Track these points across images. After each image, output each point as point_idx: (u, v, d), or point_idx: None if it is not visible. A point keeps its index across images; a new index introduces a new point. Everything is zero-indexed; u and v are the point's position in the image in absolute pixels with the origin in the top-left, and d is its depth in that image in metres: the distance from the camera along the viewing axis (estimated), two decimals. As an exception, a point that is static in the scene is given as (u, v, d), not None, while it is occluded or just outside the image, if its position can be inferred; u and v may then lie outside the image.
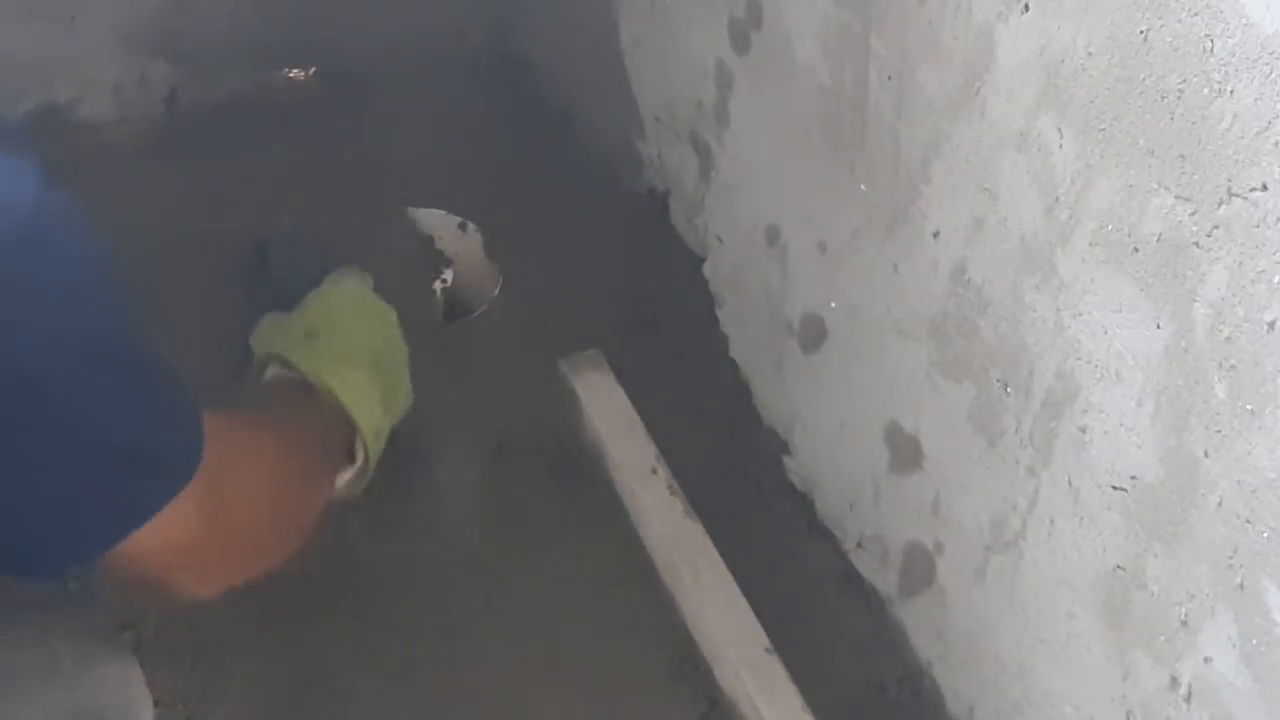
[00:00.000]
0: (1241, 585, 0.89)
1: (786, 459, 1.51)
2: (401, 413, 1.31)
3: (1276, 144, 0.78)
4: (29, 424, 0.72)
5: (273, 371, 1.19)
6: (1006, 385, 1.09)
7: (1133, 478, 0.97)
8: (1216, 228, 0.83)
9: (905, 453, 1.27)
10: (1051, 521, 1.08)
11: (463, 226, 1.75)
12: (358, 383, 1.18)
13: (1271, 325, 0.81)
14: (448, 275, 1.70)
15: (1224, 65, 0.80)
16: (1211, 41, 0.80)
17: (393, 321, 1.29)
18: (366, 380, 1.19)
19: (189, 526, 0.83)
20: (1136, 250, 0.91)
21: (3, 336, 0.70)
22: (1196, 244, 0.85)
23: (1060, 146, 0.95)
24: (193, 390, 0.86)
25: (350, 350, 1.20)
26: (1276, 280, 0.80)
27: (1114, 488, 0.99)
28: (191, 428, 0.84)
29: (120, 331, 0.78)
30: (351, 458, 1.21)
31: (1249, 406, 0.85)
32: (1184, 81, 0.83)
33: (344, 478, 1.19)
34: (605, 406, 1.50)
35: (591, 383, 1.52)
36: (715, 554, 1.39)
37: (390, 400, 1.25)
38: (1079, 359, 0.99)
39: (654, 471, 1.44)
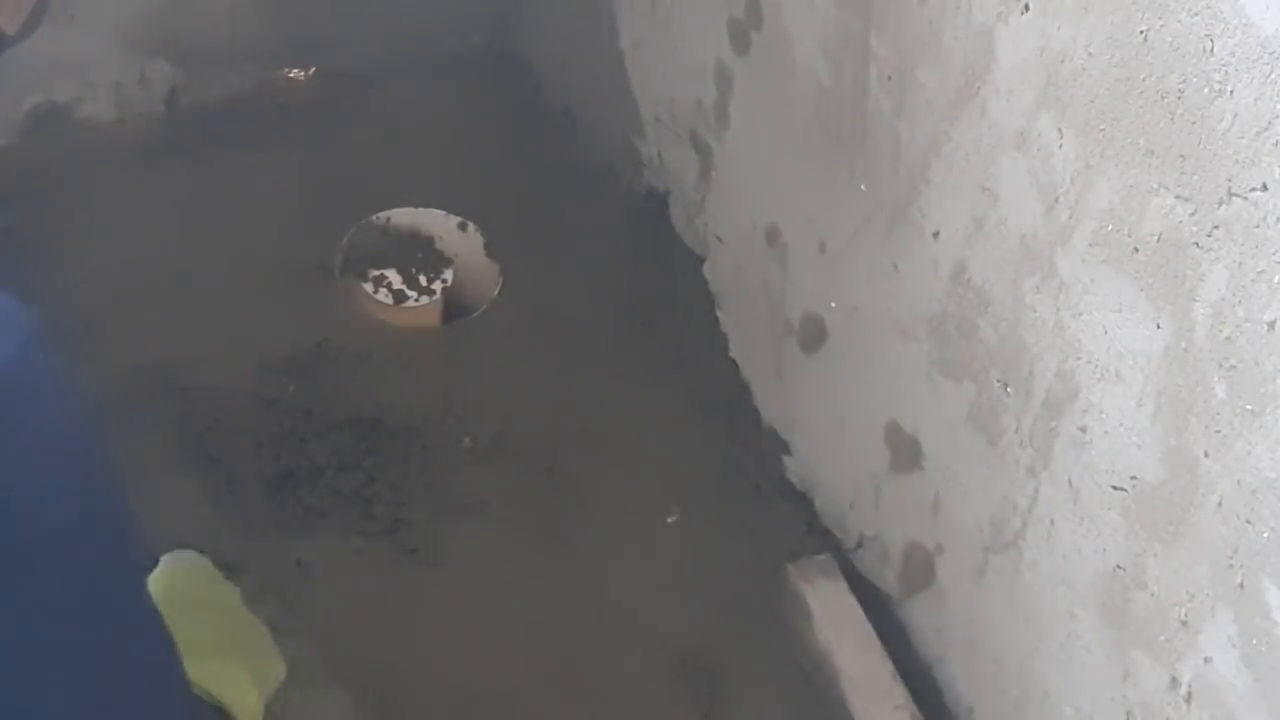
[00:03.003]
0: (1241, 585, 0.89)
1: (786, 459, 1.51)
2: (276, 684, 1.11)
3: (1276, 144, 0.78)
4: None
5: None
6: (1006, 385, 1.09)
7: (1133, 478, 0.97)
8: (1216, 228, 0.83)
9: (905, 453, 1.27)
10: (1051, 522, 1.08)
11: (463, 226, 1.75)
12: (227, 674, 1.01)
13: (1271, 325, 0.81)
14: (448, 275, 1.71)
15: (1224, 65, 0.80)
16: (1211, 41, 0.80)
17: (237, 596, 1.13)
18: (235, 666, 1.03)
19: None
20: (1136, 250, 0.91)
21: None
22: (1196, 244, 0.85)
23: (1060, 146, 0.95)
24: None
25: (212, 639, 1.04)
26: (1276, 280, 0.80)
27: (1114, 488, 0.99)
28: None
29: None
30: None
31: (1249, 406, 0.85)
32: (1184, 81, 0.83)
33: None
34: (837, 618, 1.36)
35: (824, 592, 1.37)
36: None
37: (262, 680, 1.07)
38: (1079, 359, 0.99)
39: (898, 708, 1.30)
